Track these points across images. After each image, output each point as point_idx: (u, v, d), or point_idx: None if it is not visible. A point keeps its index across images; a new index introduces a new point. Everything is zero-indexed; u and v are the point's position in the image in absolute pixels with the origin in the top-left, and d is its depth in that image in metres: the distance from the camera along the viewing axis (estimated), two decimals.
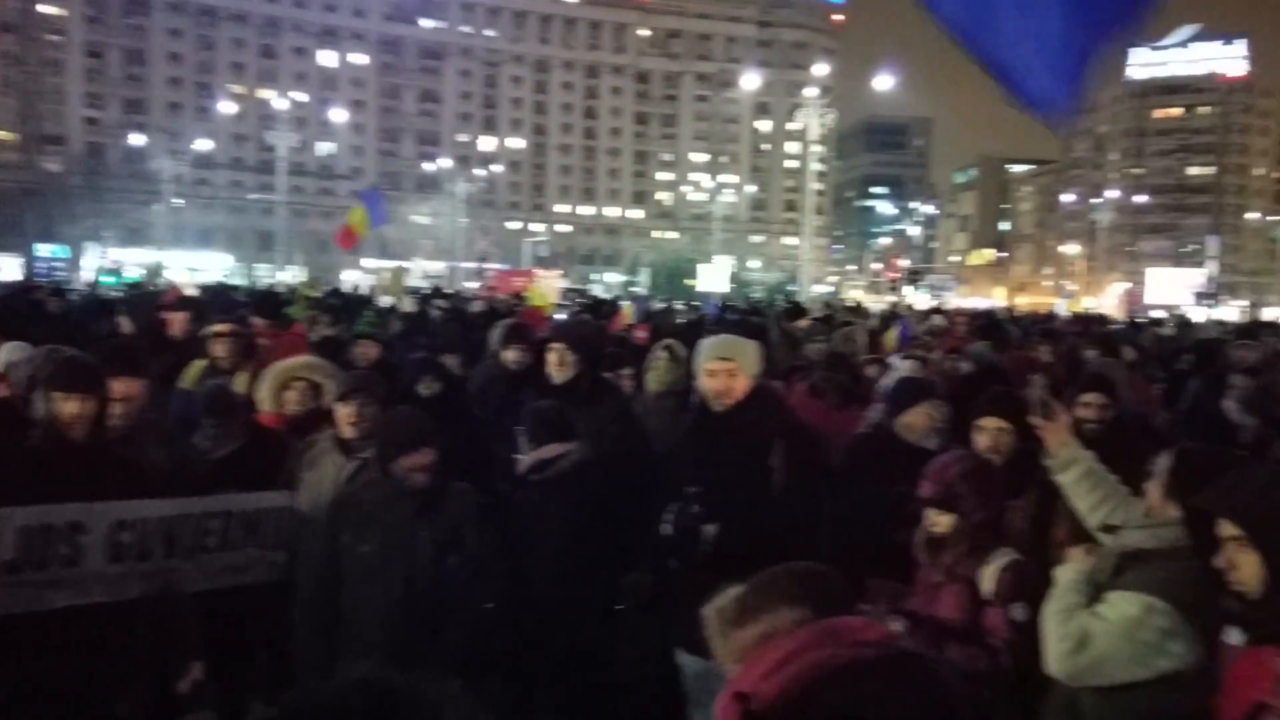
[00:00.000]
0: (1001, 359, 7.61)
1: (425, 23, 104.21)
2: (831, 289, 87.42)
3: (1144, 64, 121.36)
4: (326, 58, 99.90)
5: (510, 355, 6.32)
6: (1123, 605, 2.62)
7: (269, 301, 11.04)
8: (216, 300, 14.62)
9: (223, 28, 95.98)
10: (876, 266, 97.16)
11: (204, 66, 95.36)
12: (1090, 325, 16.25)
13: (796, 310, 16.90)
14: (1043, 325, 15.65)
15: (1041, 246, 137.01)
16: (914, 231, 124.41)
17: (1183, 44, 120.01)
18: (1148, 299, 58.45)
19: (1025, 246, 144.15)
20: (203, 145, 77.97)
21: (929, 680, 1.40)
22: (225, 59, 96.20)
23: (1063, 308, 42.91)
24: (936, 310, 21.49)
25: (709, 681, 3.97)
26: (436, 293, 22.53)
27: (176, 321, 7.87)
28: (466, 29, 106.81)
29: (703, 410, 4.35)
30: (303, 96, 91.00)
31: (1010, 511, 3.65)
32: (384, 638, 3.78)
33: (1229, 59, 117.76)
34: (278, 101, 72.42)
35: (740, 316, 14.59)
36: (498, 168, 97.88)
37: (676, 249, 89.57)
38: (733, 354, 4.24)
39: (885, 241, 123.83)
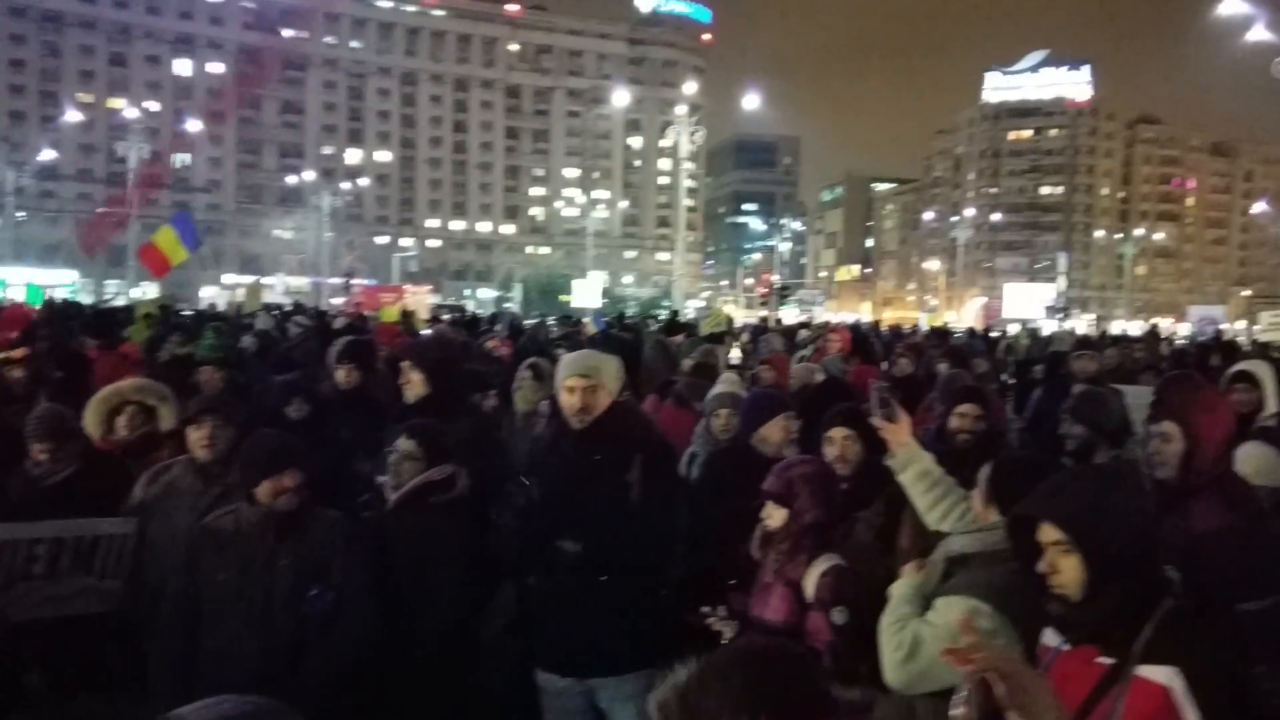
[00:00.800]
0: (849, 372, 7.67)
1: (287, 32, 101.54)
2: (704, 304, 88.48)
3: (998, 88, 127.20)
4: (182, 66, 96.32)
5: (341, 375, 6.10)
6: (948, 610, 2.67)
7: (102, 320, 10.38)
8: (53, 318, 13.70)
9: (69, 34, 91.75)
10: (749, 282, 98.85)
11: (49, 74, 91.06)
12: (948, 338, 16.70)
13: (674, 325, 16.90)
14: (906, 339, 16.04)
15: (905, 262, 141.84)
16: (784, 248, 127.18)
17: (1033, 69, 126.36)
18: (1005, 313, 60.89)
19: (890, 262, 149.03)
20: (47, 156, 74.08)
21: None
22: (72, 67, 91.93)
23: (925, 321, 44.30)
24: (804, 325, 21.79)
25: (567, 700, 4.00)
26: (298, 309, 21.76)
27: None
28: (330, 39, 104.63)
29: (561, 427, 4.28)
30: (155, 106, 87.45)
31: (858, 523, 3.75)
32: (242, 668, 3.61)
33: (1075, 84, 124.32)
34: (129, 111, 69.35)
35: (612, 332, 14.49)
36: (364, 181, 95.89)
37: (550, 264, 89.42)
38: (592, 370, 4.15)
39: (757, 257, 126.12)
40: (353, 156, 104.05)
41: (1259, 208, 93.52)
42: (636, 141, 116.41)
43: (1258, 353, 12.74)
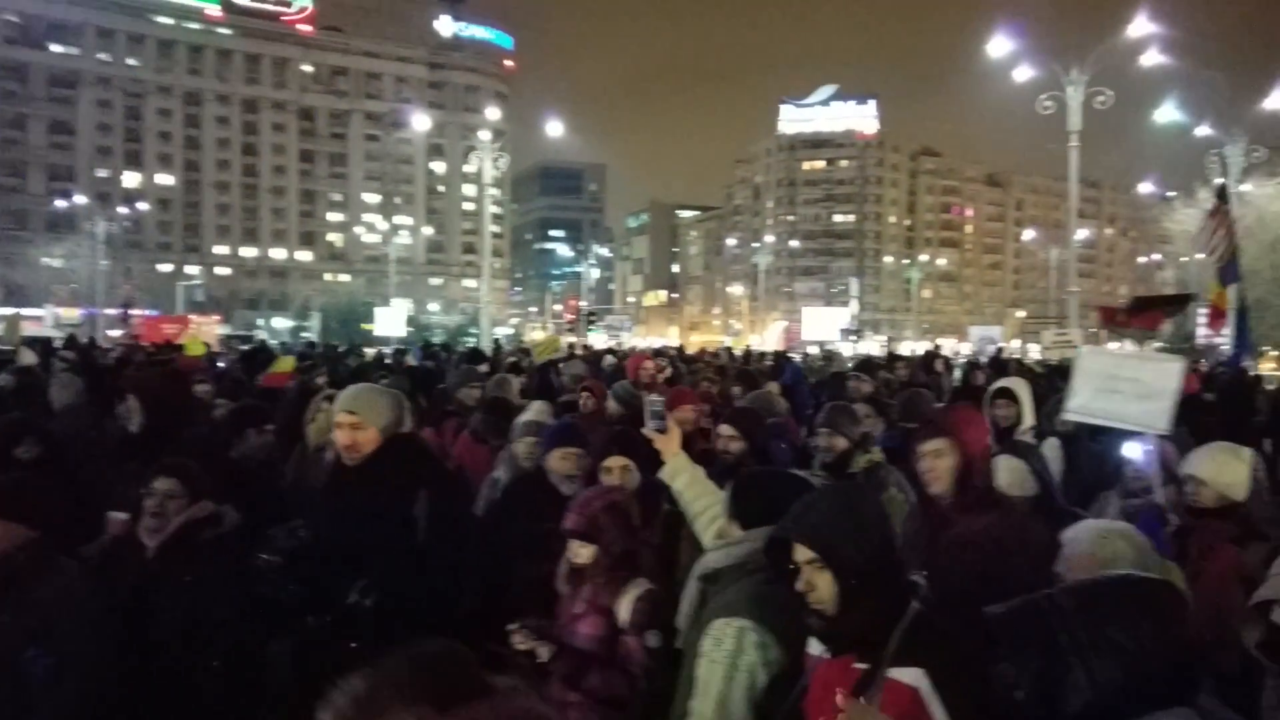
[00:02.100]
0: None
1: (55, 48, 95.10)
2: (512, 330, 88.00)
3: (792, 119, 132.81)
4: None
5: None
6: (721, 640, 2.73)
7: None
8: None
9: None
10: (558, 308, 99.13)
11: None
12: (749, 362, 17.13)
13: (476, 355, 16.76)
14: (709, 361, 16.35)
15: (710, 287, 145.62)
16: (592, 274, 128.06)
17: (824, 102, 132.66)
18: (804, 335, 63.06)
19: (695, 288, 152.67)
20: None
21: None
22: None
23: (729, 345, 45.49)
24: (610, 351, 21.90)
25: None
26: (70, 342, 20.21)
27: None
28: (104, 56, 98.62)
29: (337, 464, 4.18)
30: None
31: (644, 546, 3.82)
32: None
33: (862, 118, 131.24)
34: None
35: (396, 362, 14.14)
36: (144, 206, 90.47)
37: (350, 292, 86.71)
38: (356, 407, 4.07)
39: (564, 284, 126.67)
40: (131, 180, 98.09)
41: (1029, 234, 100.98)
42: (439, 167, 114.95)
43: (1017, 370, 13.61)
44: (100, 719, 3.56)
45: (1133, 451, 4.90)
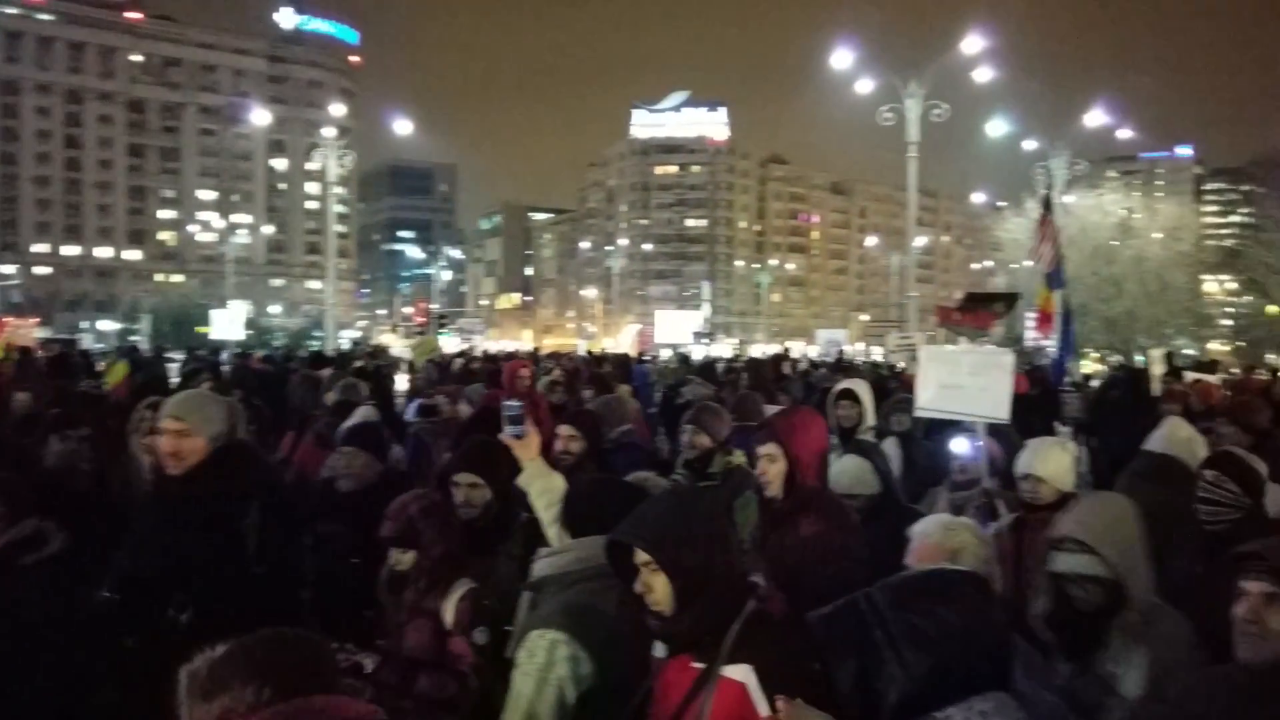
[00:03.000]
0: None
1: None
2: (360, 333, 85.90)
3: (645, 124, 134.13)
4: None
5: None
6: (534, 652, 2.75)
7: None
8: None
9: None
10: (408, 311, 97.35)
11: None
12: (601, 364, 17.13)
13: (320, 358, 16.31)
14: (562, 365, 16.26)
15: (564, 291, 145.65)
16: (443, 276, 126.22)
17: (676, 108, 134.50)
18: (658, 338, 63.63)
19: (549, 290, 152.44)
20: None
21: None
22: None
23: (584, 348, 45.49)
24: (461, 355, 21.62)
25: None
26: None
27: None
28: None
29: (161, 474, 4.00)
30: None
31: (499, 556, 3.86)
32: None
33: (714, 124, 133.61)
34: None
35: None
36: None
37: (184, 293, 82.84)
38: (183, 413, 3.91)
39: (414, 286, 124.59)
40: None
41: (871, 241, 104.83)
42: (281, 164, 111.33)
43: (870, 371, 14.03)
44: None
45: (959, 447, 5.12)
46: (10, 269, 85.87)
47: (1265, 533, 3.59)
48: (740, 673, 2.25)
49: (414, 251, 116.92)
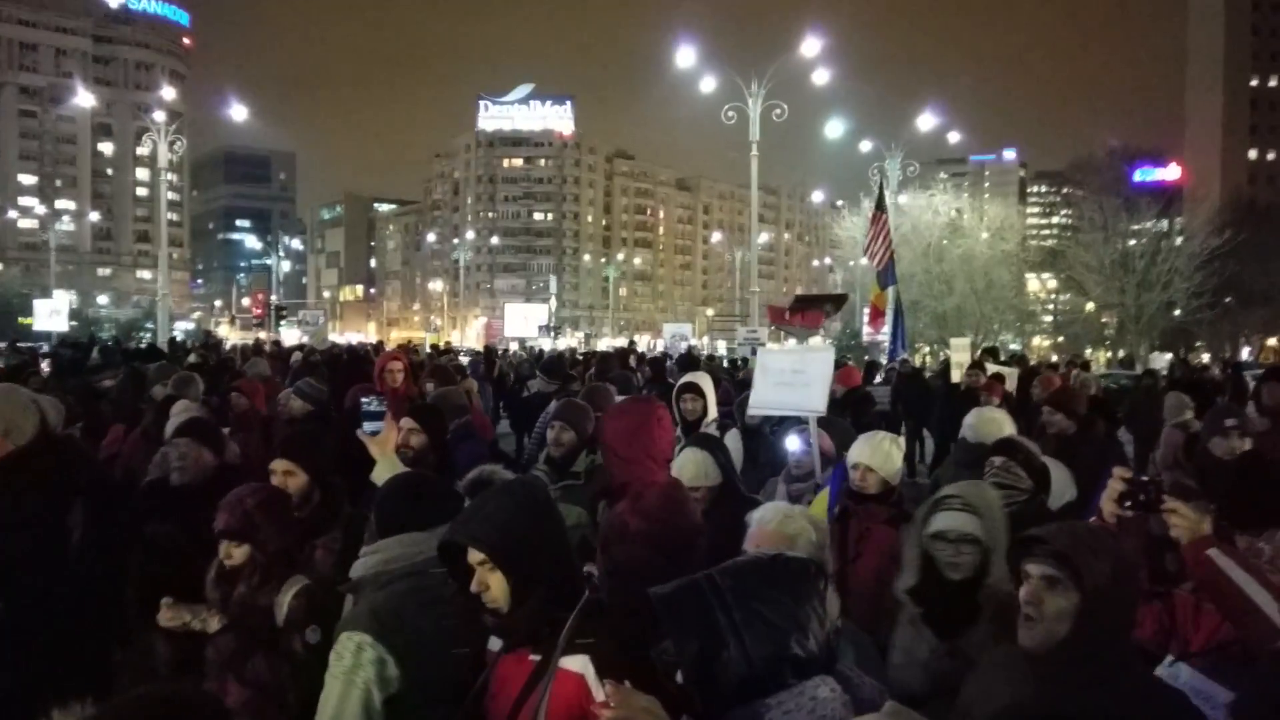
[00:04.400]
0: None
1: None
2: (194, 325, 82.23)
3: (491, 117, 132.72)
4: None
5: None
6: (341, 655, 2.73)
7: None
8: None
9: None
10: (245, 302, 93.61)
11: None
12: (440, 357, 16.93)
13: (151, 352, 15.71)
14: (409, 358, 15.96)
15: (409, 283, 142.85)
16: (283, 267, 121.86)
17: (522, 100, 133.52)
18: (506, 331, 63.19)
19: (394, 283, 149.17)
20: None
21: None
22: None
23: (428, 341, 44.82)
24: (299, 348, 20.97)
25: None
26: None
27: None
28: None
29: None
30: None
31: (319, 547, 3.79)
32: None
33: (560, 118, 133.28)
34: None
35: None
36: None
37: (5, 283, 77.65)
38: None
39: (251, 276, 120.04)
40: None
41: (716, 237, 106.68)
42: (108, 148, 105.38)
43: (708, 365, 14.36)
44: None
45: (792, 444, 5.29)
46: None
47: (1047, 517, 3.90)
48: (577, 663, 2.28)
49: (251, 241, 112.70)
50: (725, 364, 20.58)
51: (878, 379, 15.20)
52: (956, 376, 12.47)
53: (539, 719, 2.27)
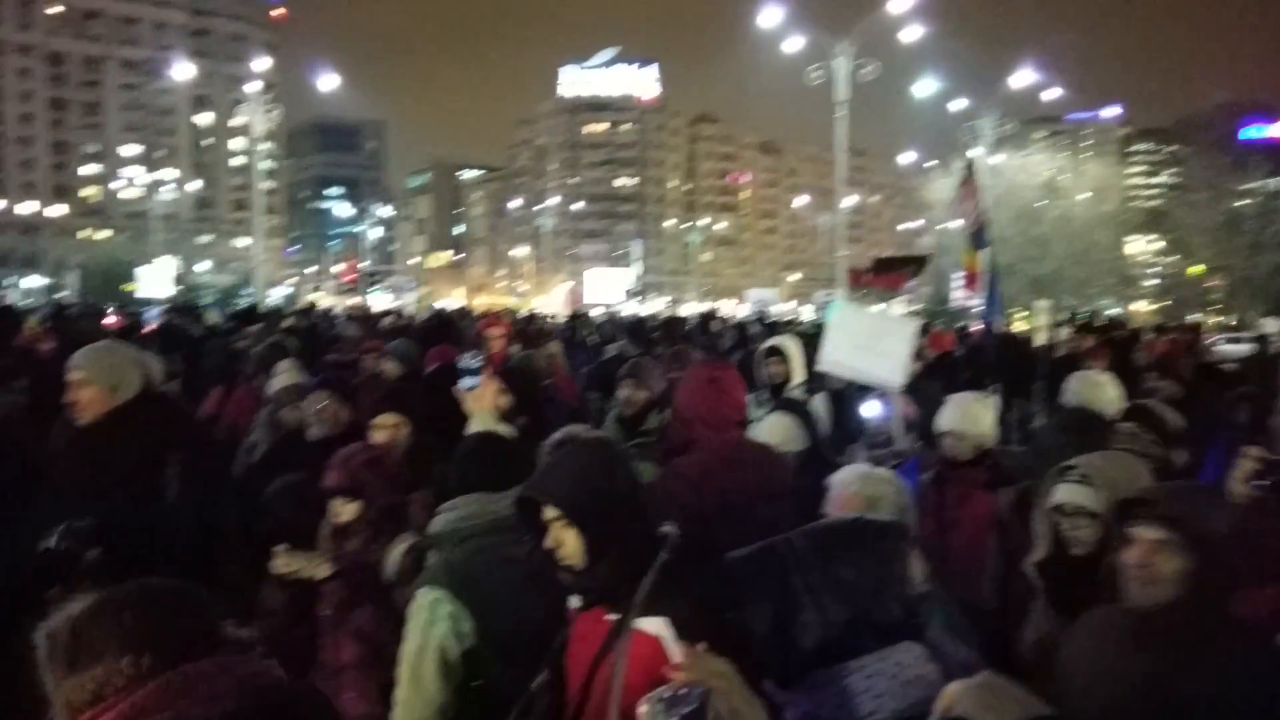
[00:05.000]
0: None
1: None
2: (290, 291, 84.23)
3: (573, 82, 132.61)
4: None
5: None
6: (418, 610, 2.78)
7: None
8: None
9: None
10: (340, 268, 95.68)
11: None
12: (531, 323, 17.07)
13: (251, 314, 16.18)
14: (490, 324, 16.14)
15: (495, 249, 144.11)
16: (373, 233, 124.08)
17: (605, 65, 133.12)
18: (587, 297, 63.55)
19: (480, 249, 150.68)
20: None
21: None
22: None
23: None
24: (389, 313, 21.36)
25: None
26: None
27: None
28: None
29: (76, 426, 4.01)
30: None
31: (412, 503, 3.83)
32: None
33: (643, 81, 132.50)
34: None
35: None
36: None
37: (111, 250, 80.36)
38: (82, 364, 3.94)
39: (342, 243, 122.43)
40: None
41: (800, 201, 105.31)
42: (205, 119, 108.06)
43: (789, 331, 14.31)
44: None
45: (870, 410, 5.18)
46: None
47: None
48: (654, 625, 2.26)
49: (342, 209, 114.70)
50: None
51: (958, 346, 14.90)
52: (1043, 340, 12.20)
53: (616, 679, 2.27)
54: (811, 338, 13.93)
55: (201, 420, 5.64)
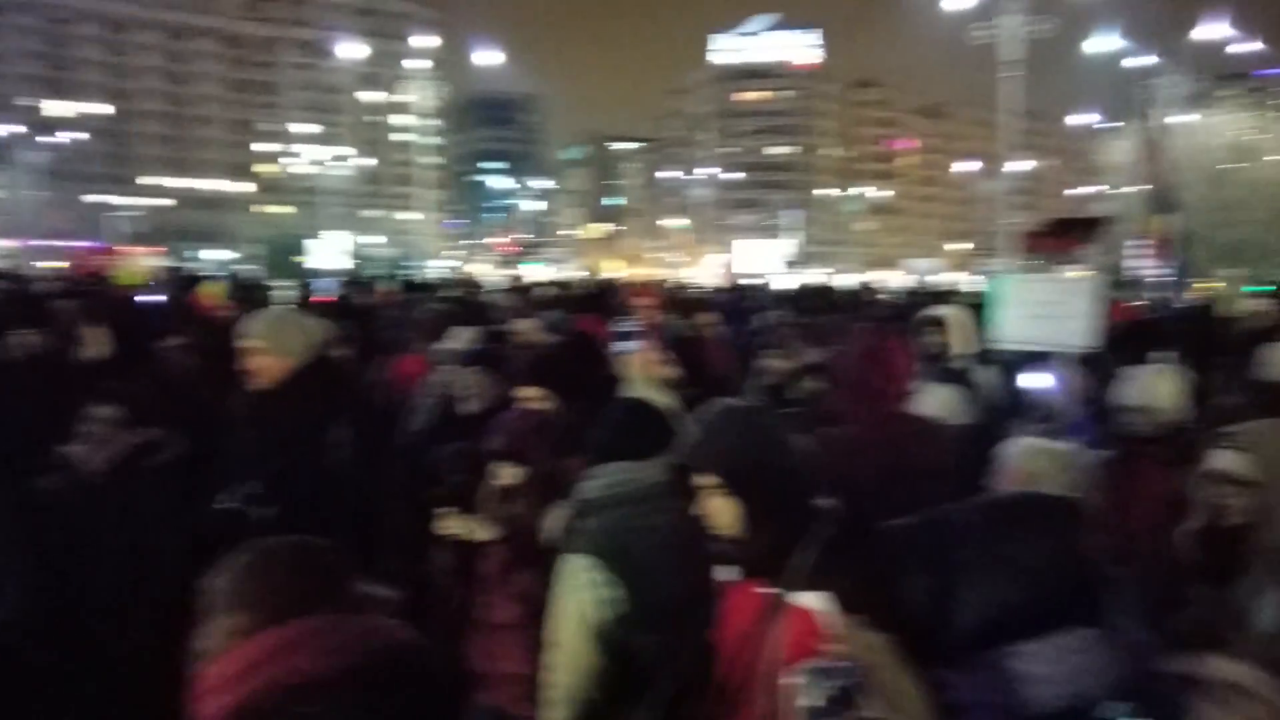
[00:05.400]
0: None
1: None
2: (455, 263, 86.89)
3: (724, 50, 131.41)
4: None
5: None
6: (569, 575, 2.78)
7: None
8: None
9: None
10: (495, 240, 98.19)
11: None
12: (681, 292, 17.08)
13: (415, 286, 16.70)
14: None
15: (646, 220, 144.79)
16: (533, 206, 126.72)
17: (761, 31, 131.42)
18: (735, 267, 63.11)
19: (632, 220, 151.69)
20: None
21: (407, 682, 1.33)
22: None
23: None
24: (551, 284, 21.78)
25: None
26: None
27: None
28: None
29: (252, 391, 4.21)
30: None
31: (571, 468, 3.84)
32: None
33: (804, 47, 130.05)
34: None
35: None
36: (74, 135, 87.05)
37: (288, 225, 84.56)
38: (259, 332, 4.13)
39: (503, 216, 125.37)
40: (56, 109, 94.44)
41: (964, 167, 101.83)
42: (372, 96, 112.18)
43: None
44: (33, 637, 3.59)
45: (1034, 381, 4.97)
46: (128, 200, 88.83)
47: None
48: (809, 599, 2.21)
49: (502, 182, 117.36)
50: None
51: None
52: (1232, 310, 11.53)
53: (769, 654, 2.21)
54: (976, 307, 13.51)
55: (368, 386, 5.85)
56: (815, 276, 65.40)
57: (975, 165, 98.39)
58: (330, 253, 41.23)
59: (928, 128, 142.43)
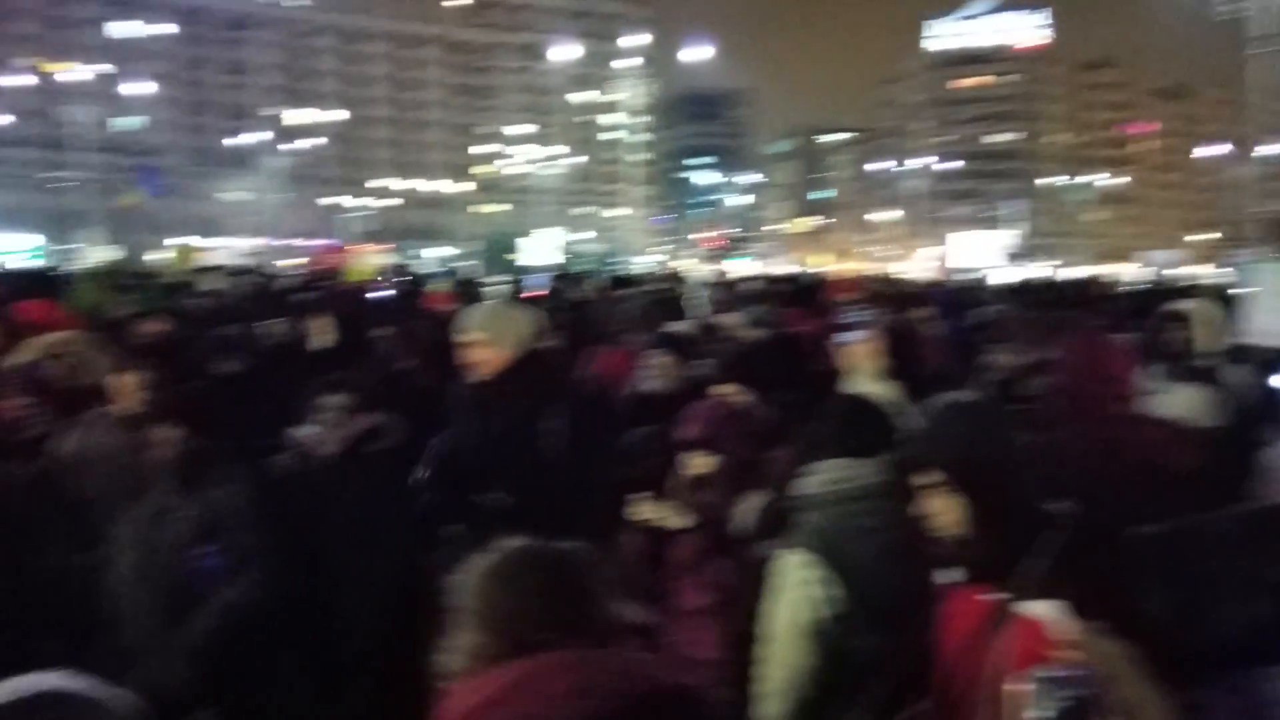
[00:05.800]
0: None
1: None
2: (663, 258, 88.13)
3: (940, 35, 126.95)
4: (121, 29, 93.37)
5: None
6: (785, 571, 2.73)
7: (39, 282, 10.30)
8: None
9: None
10: (709, 234, 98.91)
11: None
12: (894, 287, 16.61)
13: (623, 281, 17.10)
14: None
15: (858, 214, 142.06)
16: (741, 200, 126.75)
17: (984, 14, 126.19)
18: (952, 262, 61.08)
19: (843, 214, 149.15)
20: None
21: None
22: (9, 30, 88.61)
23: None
24: (756, 278, 21.72)
25: None
26: (248, 271, 21.43)
27: None
28: None
29: (466, 384, 4.36)
30: (97, 70, 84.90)
31: (774, 460, 3.80)
32: (131, 615, 3.65)
33: (1031, 28, 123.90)
34: (72, 74, 67.41)
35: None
36: (313, 141, 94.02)
37: (505, 223, 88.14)
38: (479, 327, 4.23)
39: (709, 211, 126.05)
40: (297, 117, 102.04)
41: (1211, 151, 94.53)
42: (585, 96, 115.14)
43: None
44: (266, 615, 3.80)
45: None
46: (359, 201, 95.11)
47: None
48: (1039, 607, 2.06)
49: (709, 177, 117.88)
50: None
51: None
52: None
53: (994, 663, 2.07)
54: (1225, 301, 12.50)
55: (580, 378, 5.99)
56: (1040, 270, 62.44)
57: (1222, 149, 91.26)
58: (542, 249, 42.65)
59: (1167, 110, 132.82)
